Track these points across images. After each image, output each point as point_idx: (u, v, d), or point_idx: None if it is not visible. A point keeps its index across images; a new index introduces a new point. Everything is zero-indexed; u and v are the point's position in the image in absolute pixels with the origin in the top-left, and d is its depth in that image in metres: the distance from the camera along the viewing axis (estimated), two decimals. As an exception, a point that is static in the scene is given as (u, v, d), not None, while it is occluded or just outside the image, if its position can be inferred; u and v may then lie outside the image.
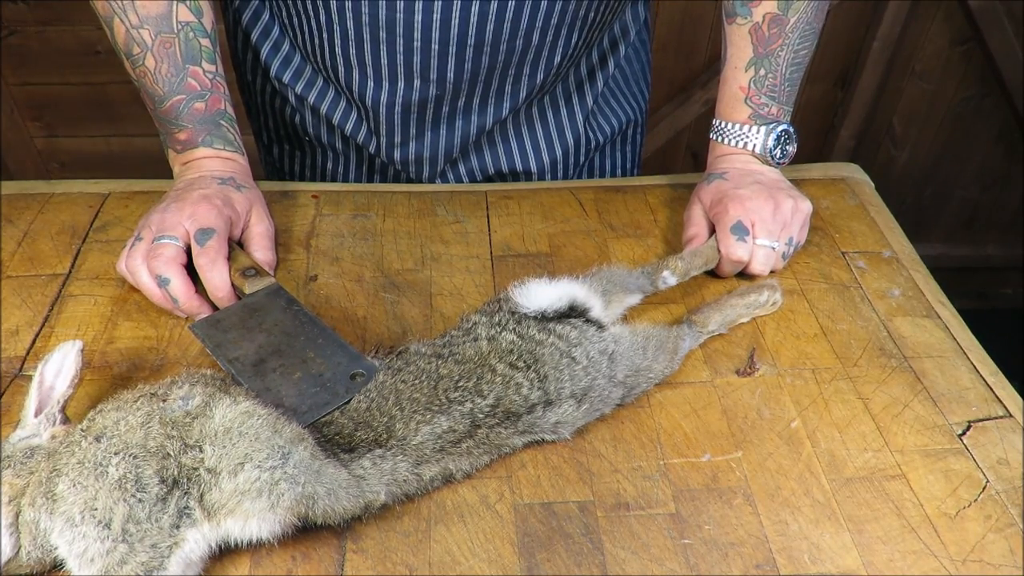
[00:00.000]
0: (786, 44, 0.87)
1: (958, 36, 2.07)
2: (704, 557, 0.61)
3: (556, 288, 0.72)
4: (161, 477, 0.55)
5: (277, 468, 0.56)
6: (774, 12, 0.86)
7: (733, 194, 0.85)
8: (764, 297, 0.81)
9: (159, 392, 0.60)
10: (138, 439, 0.56)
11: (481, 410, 0.64)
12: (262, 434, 0.57)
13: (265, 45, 1.02)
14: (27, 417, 0.61)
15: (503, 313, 0.71)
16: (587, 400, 0.68)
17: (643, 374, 0.71)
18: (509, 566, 0.60)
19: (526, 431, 0.66)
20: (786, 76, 0.88)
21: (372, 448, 0.61)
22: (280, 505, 0.56)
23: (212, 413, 0.58)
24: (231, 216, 0.81)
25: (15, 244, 0.88)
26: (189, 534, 0.55)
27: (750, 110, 0.90)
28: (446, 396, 0.64)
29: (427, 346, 0.69)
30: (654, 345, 0.73)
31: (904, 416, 0.72)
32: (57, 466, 0.55)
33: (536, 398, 0.65)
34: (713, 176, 0.90)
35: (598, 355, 0.69)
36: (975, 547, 0.62)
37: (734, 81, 0.90)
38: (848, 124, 2.23)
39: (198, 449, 0.56)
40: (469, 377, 0.65)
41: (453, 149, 1.02)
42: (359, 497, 0.59)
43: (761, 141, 0.90)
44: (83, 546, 0.53)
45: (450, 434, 0.63)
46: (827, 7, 0.90)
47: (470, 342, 0.68)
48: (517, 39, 0.91)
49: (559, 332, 0.69)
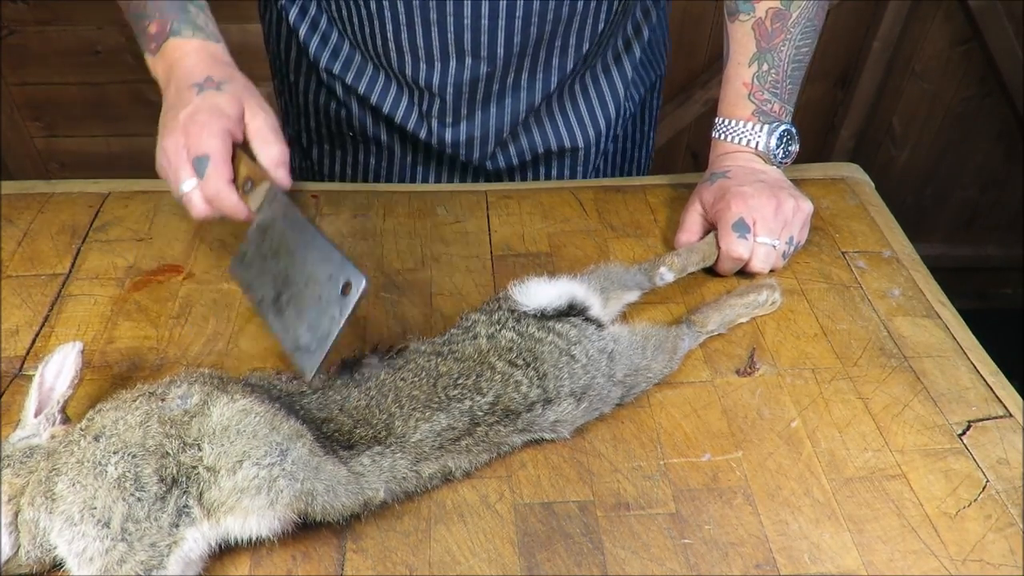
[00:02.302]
0: (788, 39, 0.87)
1: (958, 36, 2.07)
2: (704, 557, 0.61)
3: (555, 287, 0.72)
4: (160, 476, 0.55)
5: (275, 465, 0.56)
6: (777, 7, 0.86)
7: (736, 191, 0.85)
8: (763, 297, 0.81)
9: (158, 391, 0.60)
10: (137, 438, 0.56)
11: (480, 407, 0.64)
12: (260, 431, 0.57)
13: (313, 39, 1.03)
14: (27, 417, 0.61)
15: (503, 311, 0.71)
16: (586, 399, 0.68)
17: (642, 373, 0.71)
18: (509, 566, 0.60)
19: (525, 429, 0.66)
20: (788, 72, 0.88)
21: (371, 445, 0.61)
22: (279, 502, 0.56)
23: (210, 411, 0.58)
24: (224, 125, 0.74)
25: (15, 244, 0.88)
26: (188, 533, 0.55)
27: (753, 106, 0.89)
28: (445, 393, 0.64)
29: (427, 344, 0.70)
30: (653, 344, 0.73)
31: (904, 416, 0.72)
32: (56, 465, 0.55)
33: (535, 396, 0.65)
34: (716, 175, 0.89)
35: (597, 353, 0.69)
36: (975, 547, 0.62)
37: (737, 78, 0.90)
38: (848, 124, 2.23)
39: (197, 448, 0.56)
40: (468, 375, 0.65)
41: (504, 128, 1.03)
42: (358, 494, 0.59)
43: (764, 139, 0.89)
44: (82, 545, 0.53)
45: (449, 432, 0.63)
46: (827, 6, 0.90)
47: (470, 340, 0.68)
48: (563, 6, 0.93)
49: (558, 330, 0.69)
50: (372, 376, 0.66)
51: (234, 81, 0.79)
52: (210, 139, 0.73)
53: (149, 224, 0.91)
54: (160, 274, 0.85)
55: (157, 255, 0.87)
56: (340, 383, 0.66)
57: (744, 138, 0.90)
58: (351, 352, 0.70)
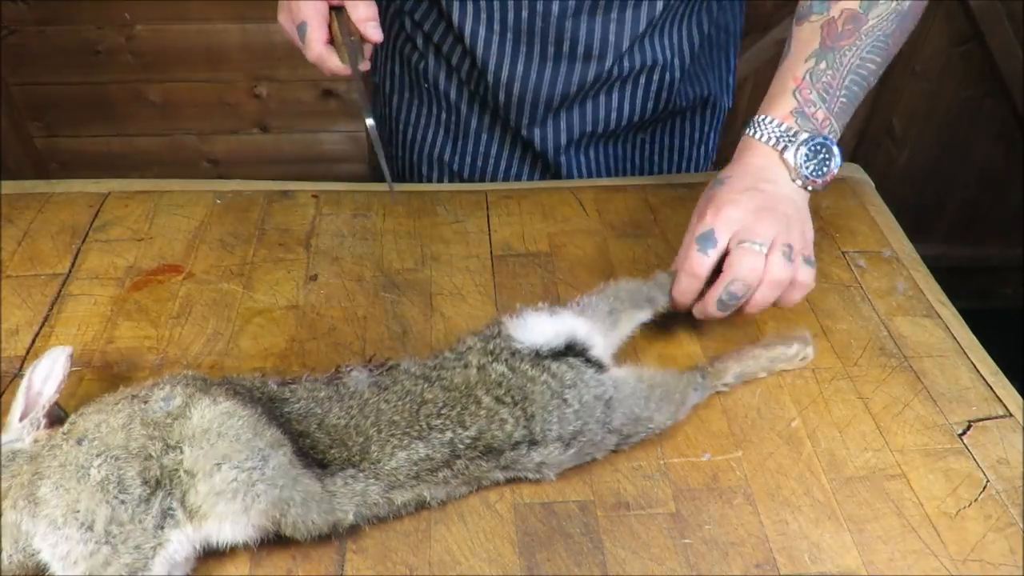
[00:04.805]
0: (857, 45, 0.77)
1: (958, 36, 2.07)
2: (704, 557, 0.61)
3: (554, 324, 0.67)
4: (144, 478, 0.55)
5: (256, 469, 0.55)
6: (854, 9, 0.77)
7: (719, 198, 0.73)
8: (793, 351, 0.74)
9: (140, 394, 0.59)
10: (120, 441, 0.56)
11: (462, 441, 0.61)
12: (242, 435, 0.57)
13: None
14: (12, 421, 0.60)
15: (499, 340, 0.67)
16: (575, 444, 0.64)
17: (642, 423, 0.67)
18: (509, 565, 0.60)
19: (508, 467, 0.64)
20: (845, 82, 0.77)
21: (345, 467, 0.60)
22: (255, 508, 0.55)
23: (191, 414, 0.57)
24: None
25: (15, 244, 0.88)
26: (173, 535, 0.55)
27: (794, 104, 0.77)
28: (427, 423, 0.61)
29: (417, 366, 0.67)
30: (659, 395, 0.67)
31: (904, 416, 0.72)
32: (39, 469, 0.55)
33: (520, 436, 0.62)
34: (716, 183, 0.77)
35: (592, 400, 0.65)
36: (975, 547, 0.62)
37: (788, 72, 0.78)
38: (848, 124, 2.22)
39: (179, 450, 0.56)
40: (453, 405, 0.62)
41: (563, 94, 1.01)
42: (329, 514, 0.58)
43: (795, 146, 0.75)
44: (66, 548, 0.52)
45: (427, 462, 0.61)
46: (910, 29, 0.81)
47: (460, 368, 0.65)
48: None
49: (553, 371, 0.65)
50: (357, 393, 0.64)
51: None
52: (307, 8, 0.84)
53: (149, 224, 0.91)
54: (160, 274, 0.85)
55: (157, 255, 0.87)
56: (324, 396, 0.64)
57: (773, 136, 0.76)
58: (343, 359, 0.69)
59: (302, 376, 0.66)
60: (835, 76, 0.77)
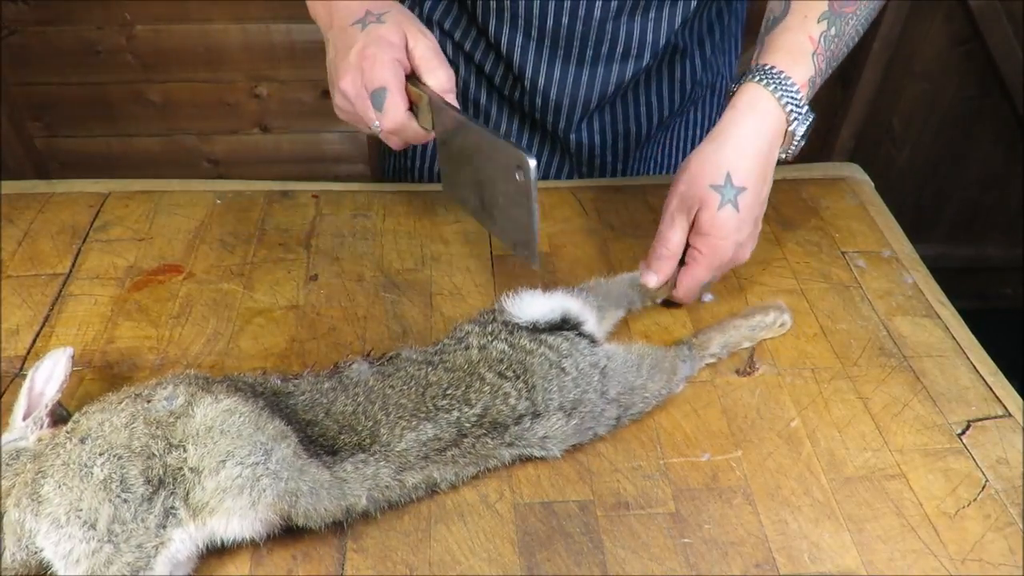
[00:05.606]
0: (856, 16, 0.75)
1: (958, 36, 2.07)
2: (704, 556, 0.61)
3: (549, 300, 0.71)
4: (147, 477, 0.55)
5: (259, 464, 0.56)
6: None
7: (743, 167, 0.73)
8: (771, 318, 0.79)
9: (143, 393, 0.60)
10: (123, 439, 0.56)
11: (468, 419, 0.63)
12: (244, 431, 0.57)
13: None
14: (15, 421, 0.61)
15: (496, 323, 0.70)
16: (576, 415, 0.66)
17: (638, 392, 0.70)
18: (509, 565, 0.60)
19: (513, 443, 0.65)
20: (838, 54, 0.75)
21: (355, 452, 0.61)
22: (261, 501, 0.56)
23: (194, 412, 0.58)
24: (394, 55, 0.76)
25: (15, 244, 0.88)
26: (175, 534, 0.55)
27: (812, 71, 0.73)
28: (433, 403, 0.63)
29: (418, 353, 0.69)
30: (649, 364, 0.71)
31: (904, 415, 0.72)
32: (43, 468, 0.55)
33: (523, 408, 0.65)
34: (707, 145, 0.76)
35: (588, 367, 0.68)
36: (974, 546, 0.62)
37: (801, 30, 0.73)
38: (848, 124, 2.22)
39: (182, 449, 0.56)
40: (458, 385, 0.65)
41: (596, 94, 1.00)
42: (340, 499, 0.59)
43: (802, 120, 0.74)
44: (69, 547, 0.53)
45: (435, 442, 0.62)
46: (880, 7, 0.80)
47: (461, 350, 0.68)
48: None
49: (550, 343, 0.68)
50: (361, 382, 0.65)
51: (392, 11, 0.80)
52: (383, 71, 0.75)
53: (149, 224, 0.92)
54: (160, 274, 0.85)
55: (157, 255, 0.87)
56: (328, 387, 0.65)
57: (789, 104, 0.72)
58: (343, 357, 0.70)
59: (304, 372, 0.67)
60: (837, 46, 0.75)
